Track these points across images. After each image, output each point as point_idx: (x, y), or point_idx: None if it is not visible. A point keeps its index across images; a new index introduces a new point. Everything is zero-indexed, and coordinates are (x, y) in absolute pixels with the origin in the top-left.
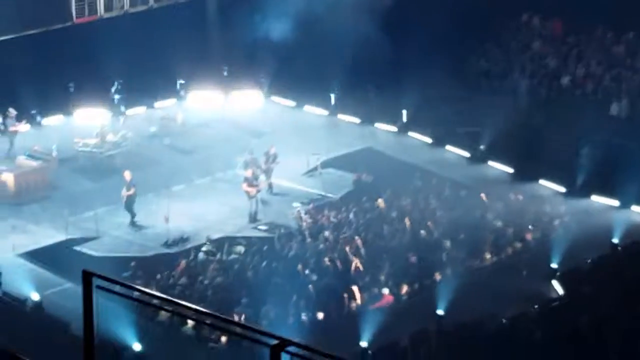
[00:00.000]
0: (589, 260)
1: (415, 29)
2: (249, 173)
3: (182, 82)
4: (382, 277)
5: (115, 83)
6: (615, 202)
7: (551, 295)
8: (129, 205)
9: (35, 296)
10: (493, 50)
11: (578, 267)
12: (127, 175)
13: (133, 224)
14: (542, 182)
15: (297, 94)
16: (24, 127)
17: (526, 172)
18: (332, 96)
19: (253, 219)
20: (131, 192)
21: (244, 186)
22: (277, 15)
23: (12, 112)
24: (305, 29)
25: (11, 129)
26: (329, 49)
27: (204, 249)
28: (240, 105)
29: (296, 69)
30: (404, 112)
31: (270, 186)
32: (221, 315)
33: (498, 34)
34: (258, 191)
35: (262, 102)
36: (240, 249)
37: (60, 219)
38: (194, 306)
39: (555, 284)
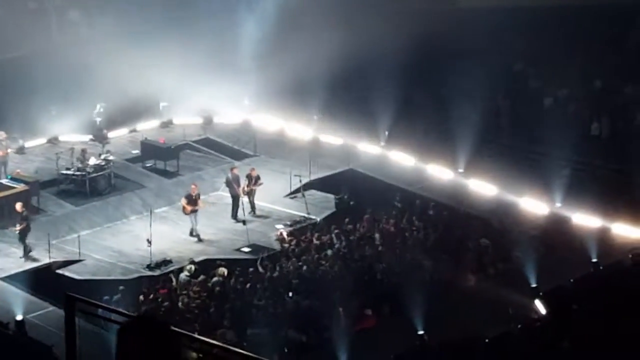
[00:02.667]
0: (571, 280)
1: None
2: (192, 190)
3: (165, 104)
4: (365, 298)
5: (98, 106)
6: (597, 222)
7: (534, 314)
8: (22, 238)
9: (17, 319)
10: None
11: (561, 286)
12: (19, 207)
13: (27, 257)
14: (524, 202)
15: (282, 113)
16: (9, 149)
17: (509, 192)
18: (316, 117)
19: (191, 234)
20: (23, 225)
21: (183, 201)
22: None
23: (3, 134)
24: (282, 44)
25: (1, 153)
26: (313, 65)
27: (186, 271)
28: (223, 126)
29: (280, 88)
30: (386, 132)
31: (253, 208)
32: (204, 338)
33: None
34: (194, 211)
35: (245, 122)
36: (223, 270)
37: (42, 242)
38: (176, 329)
39: (538, 303)
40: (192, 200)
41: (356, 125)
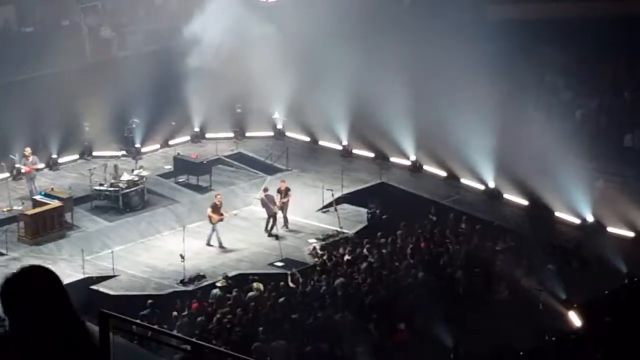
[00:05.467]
0: (606, 292)
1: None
2: (217, 200)
3: (197, 119)
4: (397, 312)
5: (131, 121)
6: (630, 233)
7: (569, 327)
8: None
9: None
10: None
11: (595, 298)
12: None
13: None
14: (557, 214)
15: (311, 129)
16: (37, 166)
17: (541, 205)
18: (345, 132)
19: (208, 243)
20: None
21: (209, 211)
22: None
23: (28, 150)
24: (314, 63)
25: (26, 169)
26: (340, 83)
27: (219, 285)
28: (255, 140)
29: (310, 105)
30: (414, 146)
31: (286, 222)
32: (238, 355)
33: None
34: (220, 220)
35: (277, 136)
36: (259, 285)
37: (77, 258)
38: (211, 345)
39: (572, 315)
40: (218, 210)
41: (387, 138)
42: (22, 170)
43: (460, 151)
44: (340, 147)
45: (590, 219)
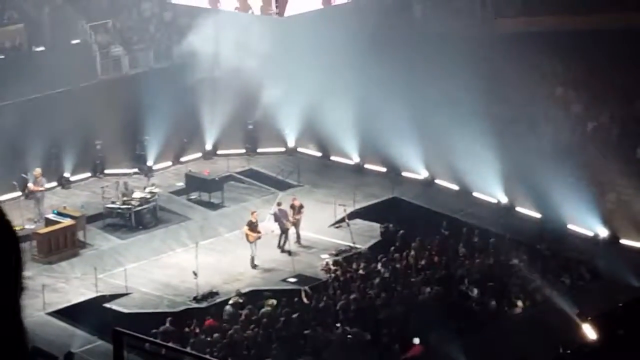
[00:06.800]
0: (620, 304)
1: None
2: (254, 217)
3: (209, 136)
4: (411, 327)
5: (142, 139)
6: None
7: (583, 340)
8: None
9: (66, 354)
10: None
11: (610, 311)
12: None
13: None
14: (570, 227)
15: (323, 144)
16: (42, 188)
17: (554, 217)
18: (357, 146)
19: (253, 264)
20: None
21: (245, 229)
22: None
23: (38, 171)
24: (327, 80)
25: (34, 189)
26: (351, 98)
27: (232, 302)
28: (267, 156)
29: (321, 120)
30: (426, 160)
31: (298, 238)
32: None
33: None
34: (258, 238)
35: (288, 154)
36: (273, 301)
37: (90, 276)
38: None
39: (587, 328)
40: (255, 228)
41: (398, 152)
42: (33, 189)
43: (472, 165)
44: (352, 162)
45: (603, 231)
